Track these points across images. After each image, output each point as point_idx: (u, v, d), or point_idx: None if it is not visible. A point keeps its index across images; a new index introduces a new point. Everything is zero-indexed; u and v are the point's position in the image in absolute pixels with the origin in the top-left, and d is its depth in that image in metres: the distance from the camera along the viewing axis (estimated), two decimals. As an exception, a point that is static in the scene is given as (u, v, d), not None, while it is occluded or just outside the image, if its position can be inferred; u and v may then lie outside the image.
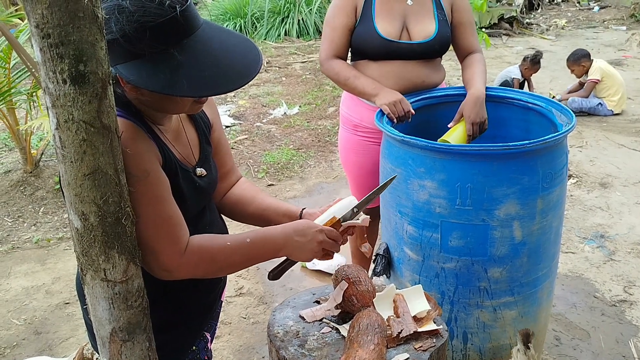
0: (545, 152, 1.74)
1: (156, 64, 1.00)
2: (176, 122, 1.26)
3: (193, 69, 1.01)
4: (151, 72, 1.00)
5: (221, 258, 1.19)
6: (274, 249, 1.24)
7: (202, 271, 1.20)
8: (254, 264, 1.27)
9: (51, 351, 2.51)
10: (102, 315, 1.03)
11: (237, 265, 1.24)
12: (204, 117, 1.35)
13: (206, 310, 1.41)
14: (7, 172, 4.24)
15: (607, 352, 2.38)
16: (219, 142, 1.40)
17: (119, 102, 1.10)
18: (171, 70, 1.00)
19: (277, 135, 5.10)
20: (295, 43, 8.76)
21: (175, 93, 1.01)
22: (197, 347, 1.41)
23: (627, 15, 10.46)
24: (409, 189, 1.83)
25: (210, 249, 1.18)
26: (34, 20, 0.82)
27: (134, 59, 1.00)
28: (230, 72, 1.05)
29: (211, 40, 1.06)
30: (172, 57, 1.00)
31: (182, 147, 1.26)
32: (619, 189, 3.93)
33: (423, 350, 1.26)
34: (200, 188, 1.27)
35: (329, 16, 2.19)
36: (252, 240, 1.21)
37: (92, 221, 0.95)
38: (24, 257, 3.31)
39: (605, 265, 3.02)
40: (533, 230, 1.79)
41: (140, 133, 1.10)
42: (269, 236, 1.24)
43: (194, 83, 1.01)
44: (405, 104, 2.02)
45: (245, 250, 1.21)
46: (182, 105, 1.13)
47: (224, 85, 1.04)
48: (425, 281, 1.89)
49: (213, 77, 1.02)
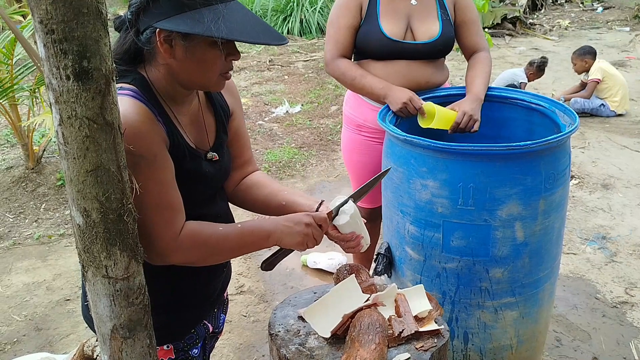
0: (548, 153, 1.74)
1: (200, 15, 1.07)
2: (195, 106, 1.29)
3: (234, 21, 1.09)
4: (196, 21, 1.07)
5: (213, 243, 1.20)
6: (264, 235, 1.25)
7: (195, 256, 1.21)
8: (246, 251, 1.30)
9: (51, 347, 2.52)
10: (103, 312, 1.03)
11: (229, 251, 1.26)
12: (224, 105, 1.37)
13: (206, 298, 1.41)
14: (9, 168, 4.24)
15: (608, 353, 2.38)
16: (238, 130, 1.42)
17: (139, 83, 1.16)
18: (215, 19, 1.07)
19: (279, 134, 5.10)
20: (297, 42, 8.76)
21: (215, 35, 1.05)
22: (196, 331, 1.42)
23: (630, 16, 10.44)
24: (411, 188, 1.83)
25: (202, 233, 1.20)
26: (38, 16, 0.82)
27: (181, 12, 1.07)
28: (264, 33, 1.12)
29: (245, 11, 1.14)
30: (217, 10, 1.08)
31: (197, 132, 1.28)
32: (621, 190, 3.92)
33: (424, 350, 1.26)
34: (210, 173, 1.29)
35: (333, 16, 2.18)
36: (242, 226, 1.24)
37: (94, 218, 0.95)
38: (25, 254, 3.31)
39: (607, 267, 3.02)
40: (535, 231, 1.78)
41: (150, 116, 1.13)
42: (258, 223, 1.27)
43: (238, 30, 1.08)
44: (415, 102, 2.02)
45: (236, 236, 1.23)
46: (210, 75, 1.17)
47: (263, 38, 1.11)
48: (427, 281, 1.88)
49: (250, 31, 1.10)
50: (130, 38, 1.16)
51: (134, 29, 1.15)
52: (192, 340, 1.41)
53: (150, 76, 1.19)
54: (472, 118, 1.99)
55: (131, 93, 1.13)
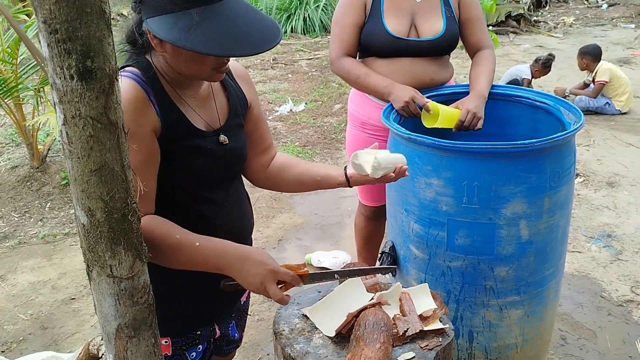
0: (553, 151, 1.73)
1: (177, 20, 1.08)
2: (206, 89, 1.32)
3: (209, 30, 1.08)
4: (170, 26, 1.08)
5: (162, 246, 1.16)
6: (217, 265, 1.20)
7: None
8: (199, 269, 1.22)
9: (57, 346, 2.52)
10: (108, 312, 1.03)
11: (180, 263, 1.20)
12: (240, 93, 1.40)
13: (215, 299, 1.40)
14: (14, 167, 4.25)
15: (614, 352, 2.37)
16: (259, 118, 1.47)
17: (141, 66, 1.20)
18: (188, 27, 1.07)
19: (283, 132, 5.10)
20: (301, 40, 8.76)
21: (185, 46, 1.07)
22: (202, 332, 1.42)
23: (635, 13, 10.39)
24: (416, 187, 1.82)
25: (155, 232, 1.15)
26: (41, 16, 0.82)
27: (162, 14, 1.10)
28: (244, 40, 1.11)
29: (235, 12, 1.12)
30: (192, 16, 1.08)
31: (207, 112, 1.31)
32: (626, 188, 3.90)
33: (429, 349, 1.25)
34: (218, 153, 1.30)
35: (337, 15, 2.18)
36: (201, 245, 1.18)
37: (98, 217, 0.95)
38: (31, 253, 3.32)
39: (612, 265, 3.01)
40: (540, 229, 1.78)
41: (139, 95, 1.16)
42: (217, 250, 1.20)
43: (206, 42, 1.07)
44: (418, 100, 2.01)
45: (191, 251, 1.18)
46: (201, 69, 1.18)
47: (233, 50, 1.09)
48: (431, 280, 1.88)
49: (226, 40, 1.09)
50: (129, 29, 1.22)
51: (137, 18, 1.19)
52: (191, 340, 1.40)
53: (155, 60, 1.23)
54: (475, 116, 1.99)
55: (129, 74, 1.18)
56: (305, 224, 3.57)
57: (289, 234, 3.45)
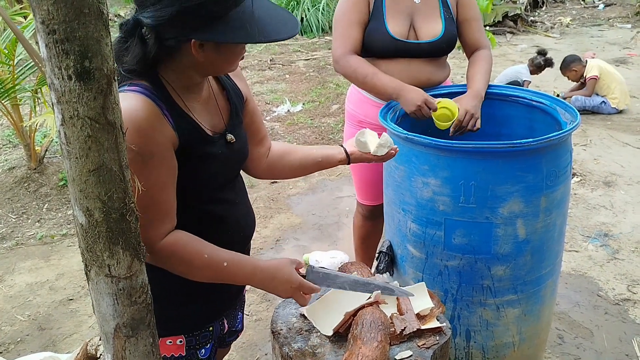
0: (550, 150, 1.74)
1: (234, 21, 1.12)
2: (207, 91, 1.32)
3: (260, 21, 1.14)
4: (231, 28, 1.12)
5: (194, 264, 1.22)
6: (245, 284, 1.34)
7: (170, 267, 1.23)
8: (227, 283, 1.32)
9: (55, 347, 2.52)
10: (106, 311, 1.03)
11: (208, 278, 1.27)
12: (237, 90, 1.41)
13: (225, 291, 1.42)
14: (12, 168, 4.25)
15: (610, 350, 2.38)
16: (254, 111, 1.49)
17: (151, 81, 1.18)
18: (249, 23, 1.13)
19: (280, 133, 5.11)
20: (298, 40, 8.76)
21: (254, 41, 1.13)
22: (213, 327, 1.43)
23: (632, 13, 10.43)
24: (413, 186, 1.83)
25: (185, 249, 1.21)
26: (39, 17, 0.82)
27: (213, 22, 1.11)
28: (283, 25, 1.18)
29: (261, 4, 1.18)
30: (244, 13, 1.13)
31: (211, 115, 1.31)
32: (623, 187, 3.92)
33: (426, 348, 1.26)
34: (226, 155, 1.31)
35: (339, 13, 2.16)
36: (228, 265, 1.25)
37: (96, 217, 0.95)
38: (28, 254, 3.32)
39: (609, 264, 3.02)
40: (537, 228, 1.78)
41: (155, 111, 1.15)
42: (245, 273, 1.28)
43: (264, 32, 1.13)
44: (430, 104, 2.00)
45: (218, 271, 1.24)
46: (235, 61, 1.23)
47: (284, 32, 1.16)
48: (429, 279, 1.89)
49: (275, 27, 1.16)
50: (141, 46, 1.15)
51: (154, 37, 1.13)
52: (205, 339, 1.41)
53: (164, 74, 1.21)
54: (473, 116, 1.99)
55: (139, 89, 1.15)
56: (303, 224, 3.57)
57: (287, 234, 3.45)
